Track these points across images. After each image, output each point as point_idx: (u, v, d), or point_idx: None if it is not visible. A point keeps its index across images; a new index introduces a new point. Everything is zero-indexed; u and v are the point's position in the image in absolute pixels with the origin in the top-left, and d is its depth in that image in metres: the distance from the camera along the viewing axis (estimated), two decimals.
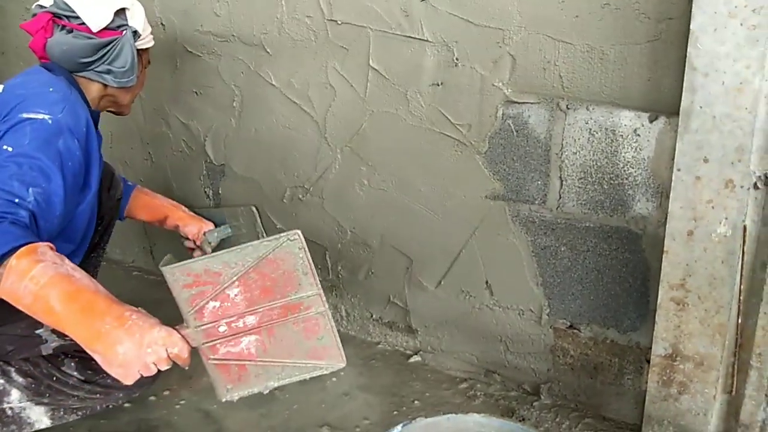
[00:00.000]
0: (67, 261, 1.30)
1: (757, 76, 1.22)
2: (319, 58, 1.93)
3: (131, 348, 1.24)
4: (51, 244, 1.30)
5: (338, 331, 1.91)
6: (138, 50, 1.75)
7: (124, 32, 1.69)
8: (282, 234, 1.29)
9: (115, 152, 2.55)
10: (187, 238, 1.96)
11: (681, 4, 1.34)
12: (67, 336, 1.29)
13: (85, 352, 1.28)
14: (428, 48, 1.73)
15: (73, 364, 1.61)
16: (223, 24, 2.09)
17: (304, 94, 2.00)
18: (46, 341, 1.59)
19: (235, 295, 1.31)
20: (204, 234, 1.93)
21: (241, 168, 2.23)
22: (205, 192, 2.35)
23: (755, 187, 1.31)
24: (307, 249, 1.31)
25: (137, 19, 1.73)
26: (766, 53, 1.21)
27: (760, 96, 1.24)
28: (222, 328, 1.33)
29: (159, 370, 1.31)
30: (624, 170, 1.54)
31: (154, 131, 2.42)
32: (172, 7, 2.20)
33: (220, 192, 2.32)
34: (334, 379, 1.90)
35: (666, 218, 1.41)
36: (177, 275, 1.28)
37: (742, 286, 1.37)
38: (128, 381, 1.27)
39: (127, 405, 1.77)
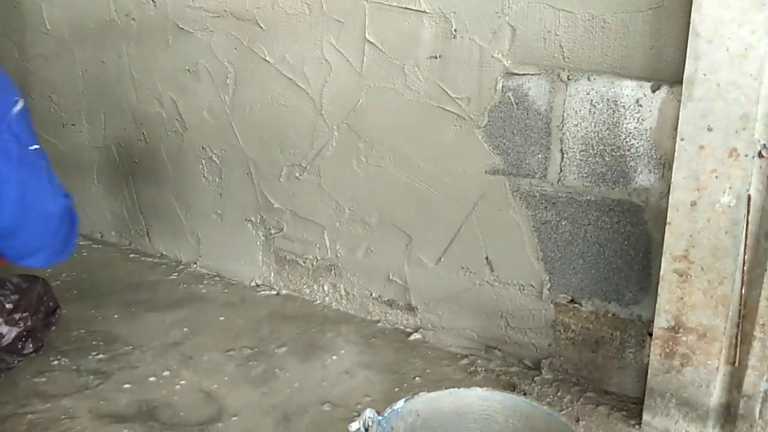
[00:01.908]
0: None
1: (762, 42, 1.20)
2: (314, 33, 1.90)
3: None
4: None
5: (338, 309, 1.92)
6: None
7: None
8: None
9: (108, 133, 2.52)
10: None
11: None
12: (20, 322, 1.29)
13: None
14: (426, 19, 1.71)
15: (30, 344, 1.67)
16: None
17: (299, 70, 1.97)
18: (3, 335, 1.63)
19: None
20: None
21: (236, 146, 2.19)
22: (202, 174, 2.32)
23: (760, 155, 1.29)
24: None
25: None
26: None
27: (765, 62, 1.21)
28: None
29: None
30: (626, 141, 1.52)
31: (147, 111, 2.38)
32: None
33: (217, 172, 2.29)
34: (334, 357, 1.89)
35: (669, 189, 1.39)
36: None
37: (746, 257, 1.36)
38: None
39: (126, 386, 1.75)
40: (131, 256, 2.57)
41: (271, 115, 2.08)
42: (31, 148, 1.48)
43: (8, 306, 1.66)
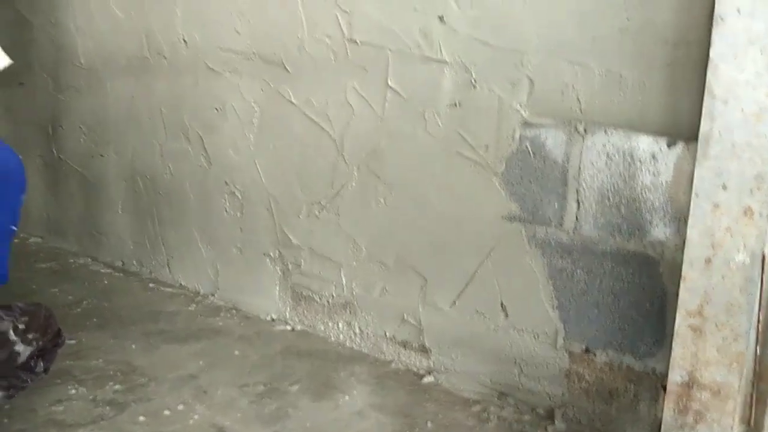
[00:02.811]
0: None
1: None
2: (339, 78, 1.96)
3: None
4: None
5: (351, 348, 1.93)
6: None
7: None
8: None
9: (135, 165, 2.59)
10: None
11: (699, 29, 1.35)
12: (33, 341, 1.34)
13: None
14: (446, 69, 1.75)
15: (41, 363, 1.70)
16: (245, 42, 2.11)
17: (323, 112, 2.02)
18: (20, 353, 1.65)
19: None
20: None
21: (259, 183, 2.24)
22: (224, 208, 2.37)
23: None
24: None
25: None
26: None
27: None
28: None
29: None
30: (642, 194, 1.54)
31: (174, 146, 2.45)
32: (194, 25, 2.23)
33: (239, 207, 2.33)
34: (347, 397, 1.90)
35: (684, 244, 1.40)
36: None
37: (760, 315, 1.36)
38: None
39: (141, 418, 1.77)
40: (151, 285, 2.61)
41: (293, 153, 2.13)
42: None
43: (21, 326, 1.70)
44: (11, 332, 1.66)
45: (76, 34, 2.60)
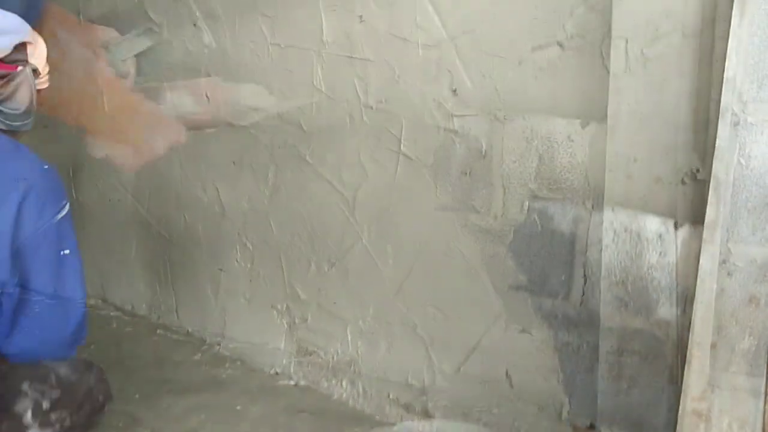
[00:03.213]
0: None
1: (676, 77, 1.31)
2: (353, 140, 1.99)
3: None
4: None
5: (354, 407, 1.92)
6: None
7: (21, 68, 1.51)
8: None
9: (151, 211, 2.63)
10: None
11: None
12: (56, 423, 1.32)
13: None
14: (456, 138, 1.79)
15: None
16: (267, 101, 2.18)
17: (336, 173, 2.06)
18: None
19: None
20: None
21: (270, 236, 2.27)
22: (235, 258, 2.40)
23: (682, 182, 1.35)
24: None
25: (39, 57, 1.57)
26: (683, 56, 1.32)
27: (680, 95, 1.32)
28: None
29: None
30: (561, 175, 1.57)
31: (190, 195, 2.48)
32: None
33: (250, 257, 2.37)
34: None
35: (690, 325, 1.40)
36: None
37: (678, 279, 1.39)
38: None
39: None
40: (158, 331, 2.62)
41: (306, 211, 2.15)
42: (63, 252, 1.55)
43: (45, 405, 1.52)
44: (29, 415, 1.48)
45: None
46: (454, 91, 1.72)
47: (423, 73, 1.78)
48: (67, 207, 1.57)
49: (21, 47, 1.51)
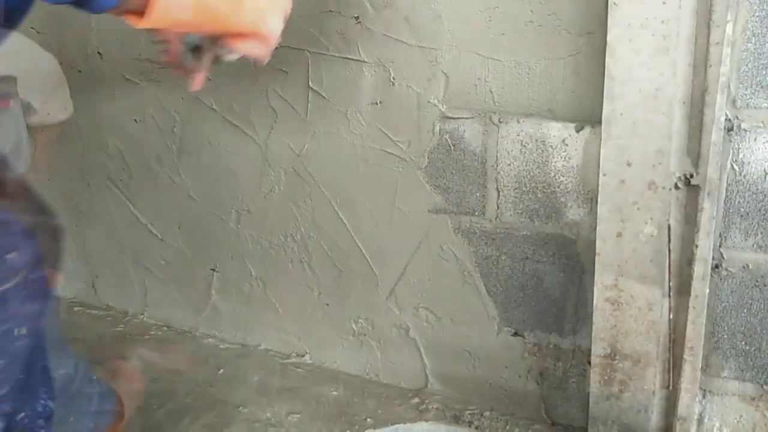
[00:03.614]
0: None
1: (669, 83, 1.29)
2: (260, 82, 1.87)
3: None
4: None
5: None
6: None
7: (12, 103, 1.36)
8: None
9: (53, 184, 2.34)
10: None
11: (598, 18, 1.39)
12: None
13: None
14: (365, 68, 1.73)
15: None
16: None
17: (246, 118, 1.92)
18: None
19: None
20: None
21: (184, 193, 2.12)
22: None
23: (676, 187, 1.38)
24: None
25: (37, 93, 1.42)
26: (677, 61, 1.28)
27: (674, 101, 1.31)
28: None
29: None
30: (555, 179, 1.58)
31: (93, 161, 2.24)
32: (109, 38, 2.06)
33: None
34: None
35: (596, 222, 1.47)
36: None
37: (671, 284, 1.43)
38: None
39: None
40: (76, 309, 2.39)
41: (218, 161, 2.01)
42: None
43: None
44: None
45: None
46: (449, 92, 1.65)
47: (419, 74, 1.68)
48: None
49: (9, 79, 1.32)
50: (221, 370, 2.06)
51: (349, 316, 2.01)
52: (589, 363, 1.57)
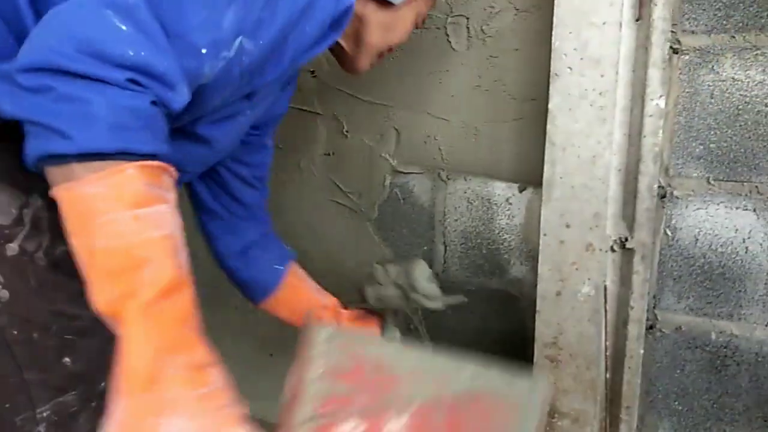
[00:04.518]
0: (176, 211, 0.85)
1: (606, 151, 1.35)
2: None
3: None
4: (174, 172, 0.85)
5: None
6: None
7: None
8: (527, 378, 0.91)
9: None
10: None
11: (541, 86, 1.45)
12: None
13: None
14: (319, 120, 1.78)
15: None
16: None
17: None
18: None
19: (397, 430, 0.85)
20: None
21: None
22: None
23: (612, 250, 1.42)
24: (544, 414, 0.91)
25: None
26: (613, 131, 1.34)
27: (610, 168, 1.36)
28: None
29: None
30: (500, 236, 1.63)
31: None
32: None
33: None
34: None
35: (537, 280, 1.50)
36: (334, 347, 0.84)
37: (607, 343, 1.45)
38: None
39: None
40: None
41: None
42: None
43: None
44: None
45: None
46: (400, 148, 1.70)
47: (372, 129, 1.73)
48: None
49: None
50: None
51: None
52: None
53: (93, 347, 0.96)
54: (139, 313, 0.75)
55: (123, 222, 0.75)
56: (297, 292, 1.45)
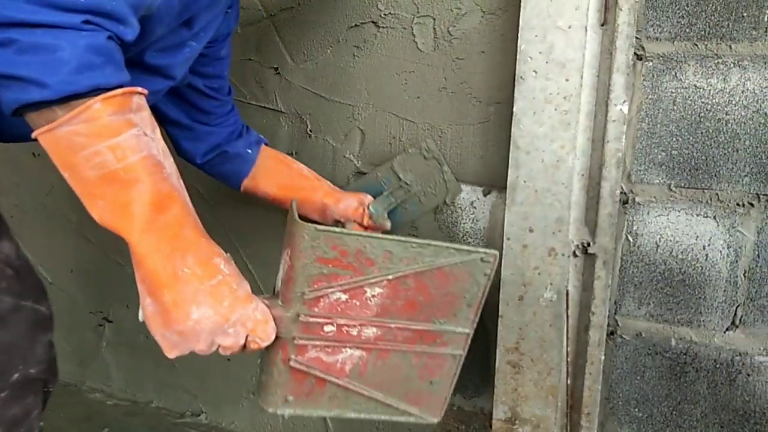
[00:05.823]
0: (157, 131, 0.92)
1: (570, 155, 1.36)
2: None
3: (211, 317, 0.90)
4: (143, 90, 0.91)
5: None
6: None
7: None
8: (479, 249, 1.05)
9: None
10: (339, 222, 1.54)
11: (506, 90, 1.47)
12: None
13: None
14: (282, 119, 1.75)
15: None
16: None
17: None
18: None
19: (373, 296, 1.02)
20: (368, 207, 1.52)
21: (80, 234, 2.03)
22: None
23: (574, 255, 1.43)
24: (491, 279, 1.07)
25: None
26: (577, 135, 1.36)
27: (573, 173, 1.38)
28: (329, 329, 1.02)
29: None
30: (464, 240, 1.62)
31: None
32: None
33: None
34: None
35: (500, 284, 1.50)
36: (319, 243, 0.97)
37: (569, 348, 1.46)
38: (173, 354, 0.93)
39: None
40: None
41: None
42: None
43: None
44: None
45: None
46: (364, 149, 1.67)
47: (335, 129, 1.70)
48: None
49: None
50: (106, 429, 1.94)
51: (251, 373, 1.96)
52: (491, 426, 1.57)
53: (4, 339, 1.05)
54: (141, 232, 0.87)
55: (102, 153, 0.83)
56: (277, 165, 1.53)
